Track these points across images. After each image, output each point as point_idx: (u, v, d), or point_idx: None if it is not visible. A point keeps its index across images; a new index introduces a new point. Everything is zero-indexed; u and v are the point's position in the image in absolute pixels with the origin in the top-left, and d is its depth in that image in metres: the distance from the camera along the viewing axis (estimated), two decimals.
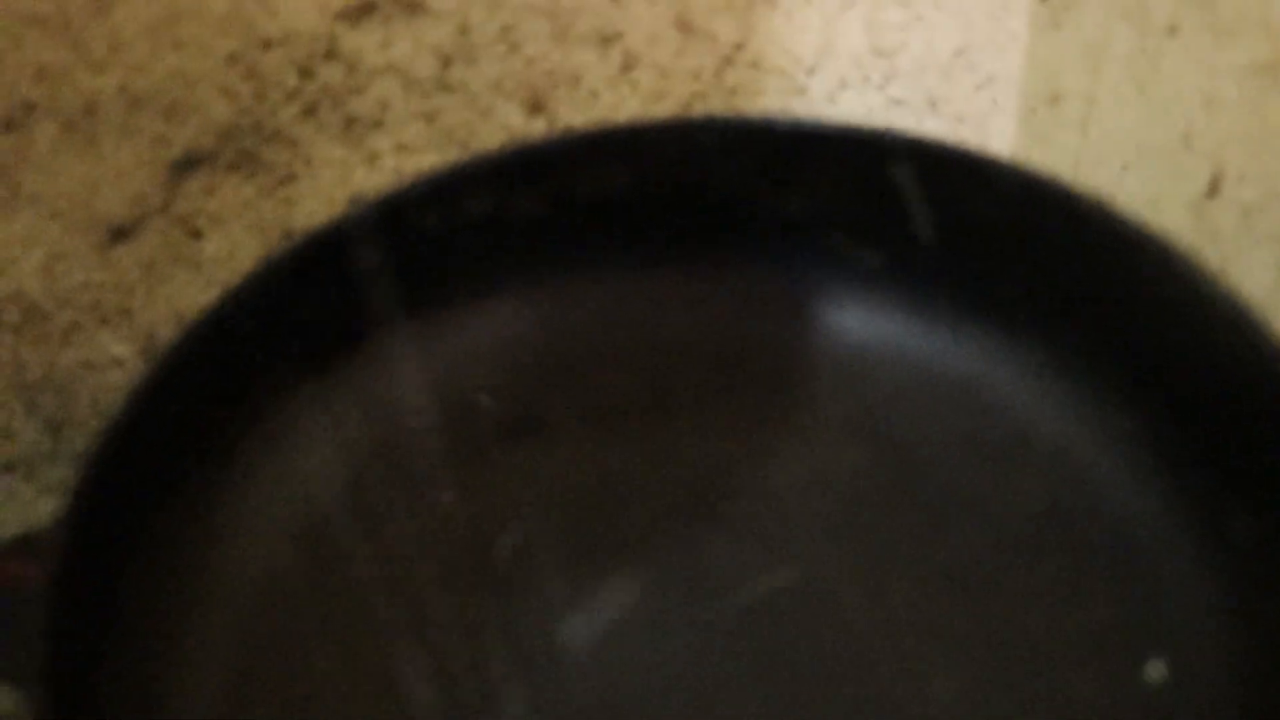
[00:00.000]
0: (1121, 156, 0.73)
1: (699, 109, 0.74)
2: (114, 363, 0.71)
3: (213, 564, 0.57)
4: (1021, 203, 0.55)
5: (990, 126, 0.79)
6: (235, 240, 0.70)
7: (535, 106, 0.73)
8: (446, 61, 0.69)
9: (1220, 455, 0.53)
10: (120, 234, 0.68)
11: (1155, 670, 0.51)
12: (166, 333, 0.65)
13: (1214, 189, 0.68)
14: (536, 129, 0.72)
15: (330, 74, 0.68)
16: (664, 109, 0.73)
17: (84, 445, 0.54)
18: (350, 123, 0.70)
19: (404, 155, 0.71)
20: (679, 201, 0.60)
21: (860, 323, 0.60)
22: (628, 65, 0.73)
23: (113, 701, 0.52)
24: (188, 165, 0.68)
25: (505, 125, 0.72)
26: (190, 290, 0.70)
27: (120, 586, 0.54)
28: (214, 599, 0.56)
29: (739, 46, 0.73)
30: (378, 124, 0.70)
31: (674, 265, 0.61)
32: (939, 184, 0.57)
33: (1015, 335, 0.58)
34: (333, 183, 0.70)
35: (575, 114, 0.73)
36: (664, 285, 0.62)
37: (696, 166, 0.60)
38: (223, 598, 0.56)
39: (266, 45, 0.66)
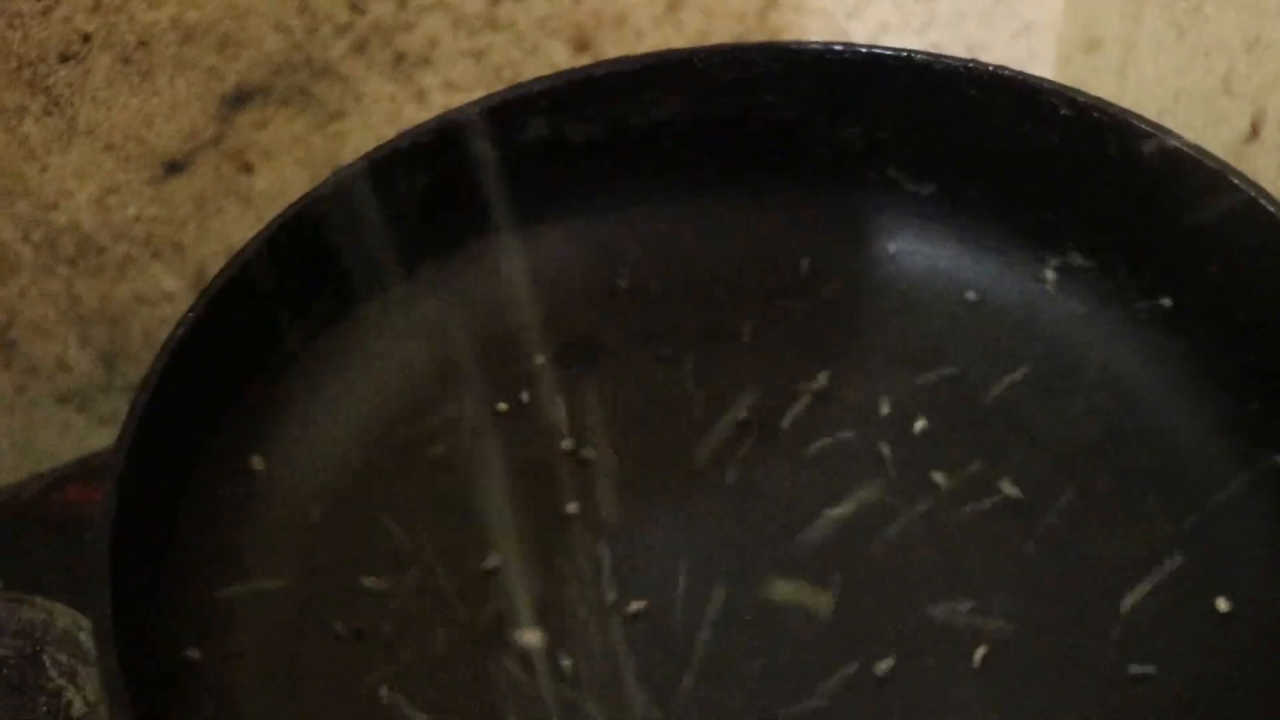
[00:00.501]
0: (1159, 102, 0.74)
1: None
2: (166, 297, 0.71)
3: (273, 482, 0.57)
4: (1075, 126, 0.56)
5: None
6: (286, 175, 0.71)
7: (581, 45, 0.73)
8: None
9: (1271, 378, 0.53)
10: (173, 168, 0.68)
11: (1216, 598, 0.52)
12: (217, 267, 0.65)
13: (1255, 132, 0.68)
14: None
15: (380, 10, 0.68)
16: None
17: (137, 378, 0.54)
18: (399, 59, 0.70)
19: (452, 92, 0.72)
20: (733, 130, 0.60)
21: (913, 252, 0.61)
22: (673, 5, 0.73)
23: (172, 622, 0.52)
24: (240, 99, 0.68)
25: (551, 63, 0.72)
26: (241, 225, 0.70)
27: (179, 507, 0.54)
28: (274, 519, 0.57)
29: None
30: (426, 61, 0.71)
31: (728, 193, 0.62)
32: (993, 109, 0.57)
33: (1067, 262, 0.59)
34: (382, 119, 0.71)
35: (620, 53, 0.73)
36: (718, 214, 0.62)
37: (751, 94, 0.60)
38: (283, 517, 0.57)
39: None
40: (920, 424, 0.57)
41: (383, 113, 0.71)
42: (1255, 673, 0.50)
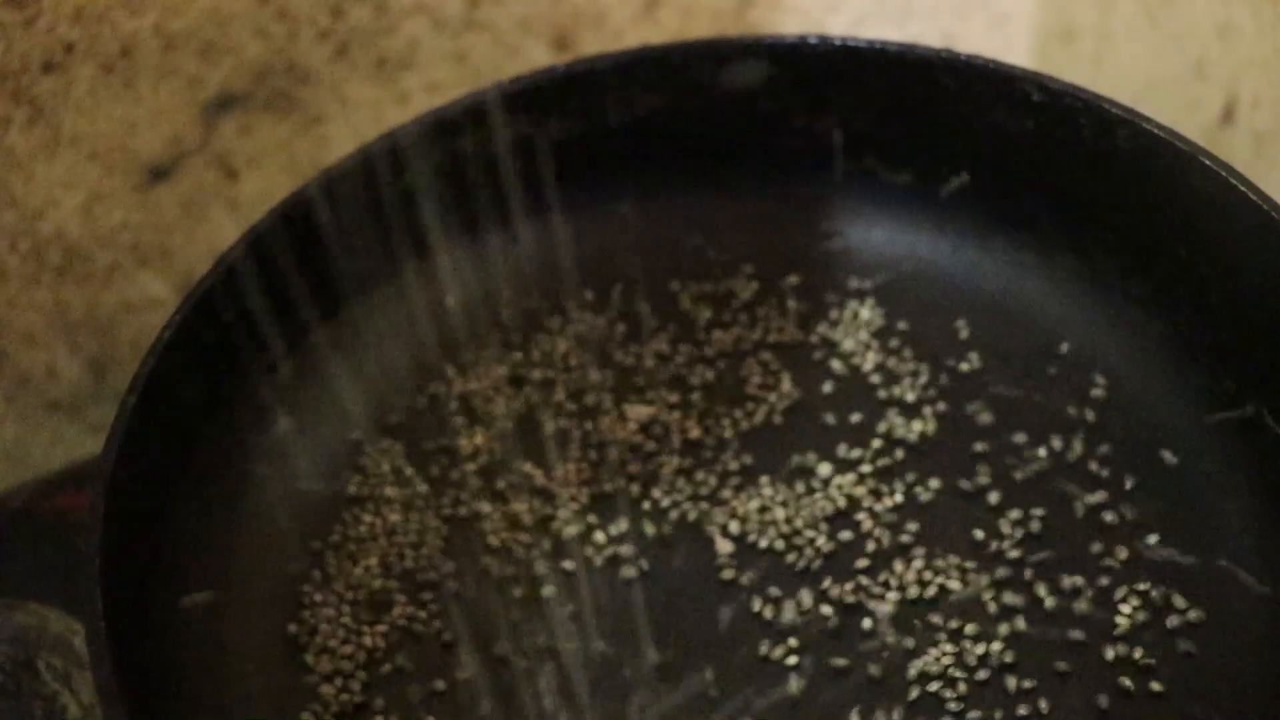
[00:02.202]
0: (1134, 89, 0.74)
1: None
2: (153, 303, 0.72)
3: (264, 482, 0.58)
4: (1049, 112, 0.56)
5: None
6: (271, 180, 0.71)
7: (561, 45, 0.74)
8: (475, 1, 0.70)
9: (1247, 355, 0.54)
10: (158, 174, 0.69)
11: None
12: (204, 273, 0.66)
13: (1228, 116, 0.69)
14: None
15: (360, 14, 0.69)
16: None
17: (126, 385, 0.55)
18: (381, 63, 0.71)
19: (434, 94, 0.72)
20: (711, 124, 0.61)
21: (891, 240, 0.61)
22: (651, 4, 0.74)
23: (163, 622, 0.52)
24: (223, 105, 0.69)
25: (532, 63, 0.73)
26: (227, 231, 0.71)
27: (170, 508, 0.55)
28: (265, 515, 0.57)
29: None
30: (408, 64, 0.71)
31: (708, 185, 0.63)
32: (967, 97, 0.58)
33: (1043, 247, 0.59)
34: (365, 122, 0.71)
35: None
36: (698, 205, 0.63)
37: (728, 88, 0.60)
38: (275, 513, 0.57)
39: None
40: (898, 402, 0.59)
41: (366, 116, 0.71)
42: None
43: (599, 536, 0.55)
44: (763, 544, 0.55)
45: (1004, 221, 0.60)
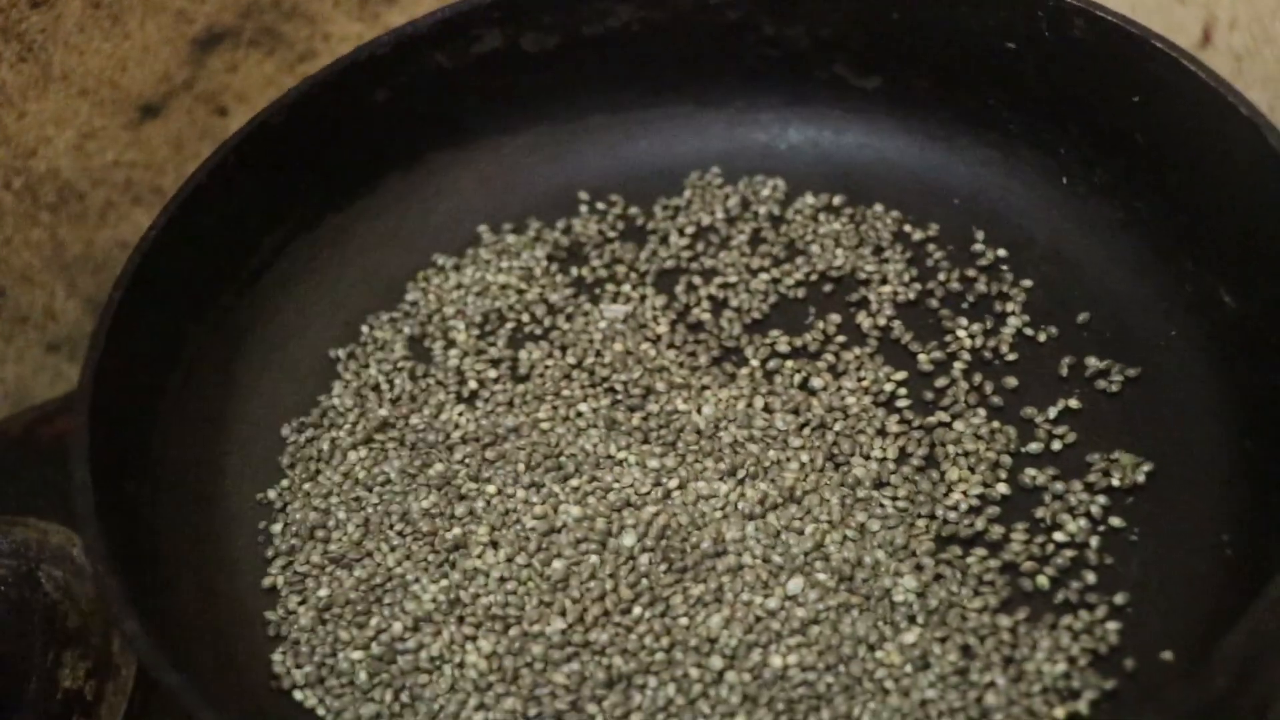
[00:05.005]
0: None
1: None
2: None
3: (247, 390, 0.59)
4: (1010, 10, 0.57)
5: None
6: None
7: None
8: None
9: (1205, 242, 0.55)
10: (148, 111, 0.70)
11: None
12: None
13: (1206, 38, 0.70)
14: None
15: None
16: None
17: None
18: None
19: None
20: (683, 34, 0.62)
21: (862, 145, 0.63)
22: None
23: (157, 527, 0.54)
24: (210, 41, 0.70)
25: None
26: None
27: (156, 408, 0.56)
28: (249, 424, 0.59)
29: None
30: (391, 0, 0.72)
31: (681, 95, 0.64)
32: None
33: (1008, 144, 0.60)
34: None
35: None
36: (671, 115, 0.64)
37: None
38: (257, 423, 0.59)
39: None
40: (870, 301, 0.60)
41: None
42: None
43: None
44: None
45: (970, 121, 0.61)
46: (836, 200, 0.62)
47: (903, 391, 0.57)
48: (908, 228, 0.61)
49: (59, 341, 0.73)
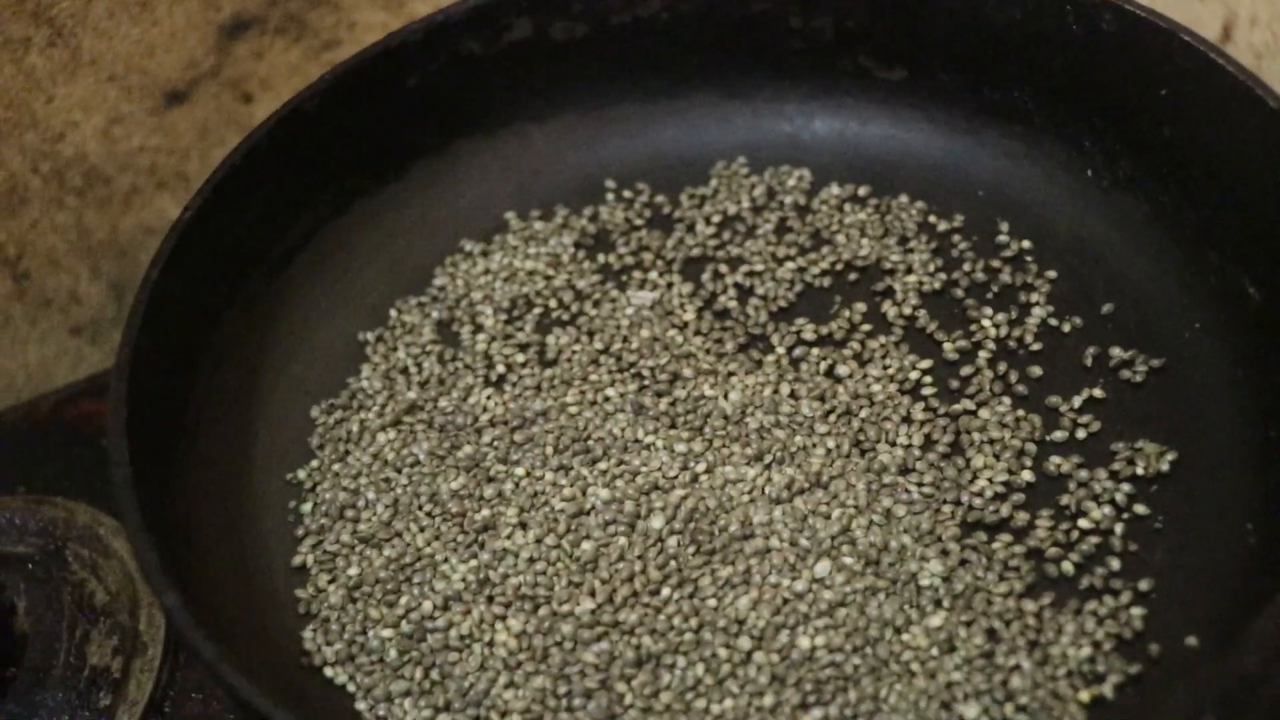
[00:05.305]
0: None
1: None
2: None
3: (278, 373, 0.59)
4: (1038, 3, 0.58)
5: None
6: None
7: None
8: None
9: (1229, 234, 0.56)
10: (175, 97, 0.70)
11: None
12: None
13: (1226, 35, 0.70)
14: None
15: None
16: None
17: None
18: None
19: None
20: (710, 25, 0.63)
21: (886, 136, 0.63)
22: None
23: (190, 505, 0.54)
24: (236, 28, 0.70)
25: None
26: None
27: (189, 390, 0.56)
28: (279, 405, 0.59)
29: None
30: None
31: (707, 86, 0.64)
32: None
33: (1033, 136, 0.61)
34: None
35: None
36: (698, 105, 0.64)
37: None
38: (288, 405, 0.59)
39: None
40: (894, 291, 0.60)
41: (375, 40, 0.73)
42: None
43: None
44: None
45: (995, 114, 0.61)
46: (862, 191, 0.63)
47: (928, 380, 0.57)
48: (933, 218, 0.61)
49: (82, 325, 0.74)
